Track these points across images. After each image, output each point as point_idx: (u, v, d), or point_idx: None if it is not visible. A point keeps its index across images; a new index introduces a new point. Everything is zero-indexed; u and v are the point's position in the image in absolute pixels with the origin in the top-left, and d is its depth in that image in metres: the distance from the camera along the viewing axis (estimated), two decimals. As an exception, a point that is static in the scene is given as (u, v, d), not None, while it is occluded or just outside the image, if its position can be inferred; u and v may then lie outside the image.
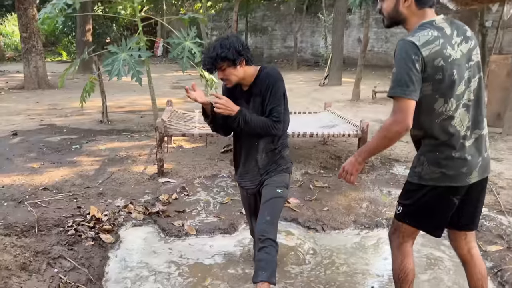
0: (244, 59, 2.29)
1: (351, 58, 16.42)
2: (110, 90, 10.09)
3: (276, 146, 2.48)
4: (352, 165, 1.99)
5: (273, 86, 2.32)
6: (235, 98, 2.47)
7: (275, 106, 2.33)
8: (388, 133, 1.81)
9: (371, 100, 9.45)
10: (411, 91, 1.73)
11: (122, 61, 5.01)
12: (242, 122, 2.31)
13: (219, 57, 2.21)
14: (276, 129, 2.35)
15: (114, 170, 4.60)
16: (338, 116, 5.27)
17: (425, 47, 1.73)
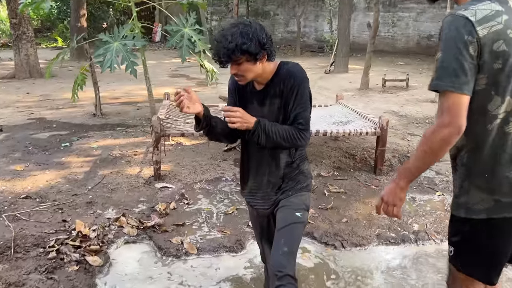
0: (267, 53, 1.82)
1: (357, 44, 15.81)
2: (105, 79, 9.60)
3: (293, 158, 2.02)
4: (393, 194, 1.53)
5: (299, 87, 1.85)
6: (245, 100, 2.01)
7: (301, 112, 1.87)
8: (433, 144, 1.35)
9: (381, 89, 8.95)
10: (462, 83, 1.29)
11: (114, 51, 4.52)
12: (262, 135, 1.84)
13: (239, 49, 1.71)
14: (303, 139, 1.89)
15: (106, 173, 4.15)
16: (352, 111, 4.79)
17: (483, 24, 1.30)
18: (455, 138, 1.31)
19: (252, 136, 1.85)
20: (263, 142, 1.86)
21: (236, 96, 2.05)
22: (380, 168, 4.22)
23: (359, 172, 4.30)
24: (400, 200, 1.53)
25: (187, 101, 1.83)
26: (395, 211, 1.55)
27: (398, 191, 1.52)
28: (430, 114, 6.81)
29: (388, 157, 4.63)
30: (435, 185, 4.02)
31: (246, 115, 1.84)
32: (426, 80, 10.19)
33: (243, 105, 2.01)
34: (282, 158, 2.01)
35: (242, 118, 1.81)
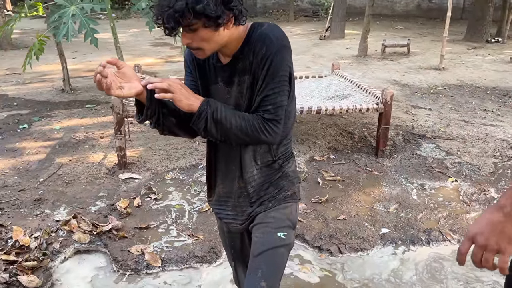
0: (234, 15, 1.22)
1: (353, 7, 14.91)
2: (81, 50, 8.88)
3: (274, 157, 1.45)
4: (499, 231, 0.87)
5: (273, 58, 1.25)
6: (207, 78, 1.41)
7: (271, 94, 1.28)
8: None
9: (380, 56, 8.27)
10: None
11: (70, 16, 3.83)
12: (210, 122, 1.27)
13: (191, 10, 1.13)
14: (269, 133, 1.30)
15: (64, 161, 3.56)
16: (350, 82, 4.16)
17: None
18: None
19: (198, 120, 1.26)
20: (212, 131, 1.29)
21: (195, 72, 1.44)
22: (382, 150, 3.65)
23: (358, 154, 3.74)
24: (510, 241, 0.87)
25: (116, 79, 1.22)
26: (502, 261, 0.87)
27: (510, 226, 0.86)
28: (435, 83, 6.20)
29: (391, 135, 4.05)
30: (447, 168, 3.47)
31: (187, 89, 1.25)
32: (428, 45, 9.49)
33: (205, 85, 1.41)
34: (259, 157, 1.43)
35: (182, 88, 1.22)
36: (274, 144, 1.42)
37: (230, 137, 1.31)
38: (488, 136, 4.13)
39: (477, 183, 3.21)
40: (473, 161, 3.59)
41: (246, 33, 1.31)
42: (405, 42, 8.38)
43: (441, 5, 14.06)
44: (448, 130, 4.32)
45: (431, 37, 10.79)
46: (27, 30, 12.26)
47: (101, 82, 1.20)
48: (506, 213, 0.85)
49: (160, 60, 8.06)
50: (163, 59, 8.23)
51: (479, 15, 9.76)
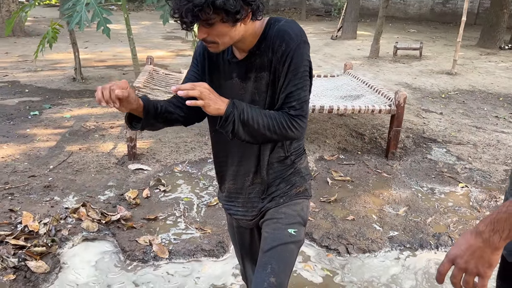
0: (252, 10, 1.19)
1: (365, 8, 14.85)
2: (93, 40, 8.91)
3: (287, 153, 1.43)
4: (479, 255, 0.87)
5: (294, 54, 1.23)
6: (220, 73, 1.38)
7: (295, 90, 1.27)
8: None
9: (391, 58, 8.22)
10: None
11: (84, 5, 3.84)
12: (238, 124, 1.24)
13: (210, 5, 1.09)
14: (297, 128, 1.29)
15: (74, 149, 3.57)
16: (363, 83, 4.14)
17: None
18: None
19: (225, 124, 1.24)
20: (240, 133, 1.26)
21: (205, 65, 1.41)
22: (393, 152, 3.62)
23: (368, 156, 3.72)
24: (490, 266, 0.87)
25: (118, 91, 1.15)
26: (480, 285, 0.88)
27: (488, 252, 0.86)
28: (447, 88, 6.15)
29: (401, 138, 4.03)
30: (457, 174, 3.44)
31: (213, 92, 1.23)
32: (440, 49, 9.42)
33: (217, 80, 1.39)
34: (272, 152, 1.42)
35: (210, 93, 1.20)
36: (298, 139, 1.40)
37: (257, 137, 1.29)
38: (500, 143, 4.09)
39: (487, 190, 3.18)
40: (484, 168, 3.56)
41: (262, 28, 1.28)
42: (418, 45, 8.32)
43: (455, 9, 13.94)
44: (459, 135, 4.28)
45: (444, 41, 10.71)
46: (40, 18, 12.33)
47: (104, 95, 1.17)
48: (484, 239, 0.85)
49: (171, 53, 8.06)
50: (174, 52, 8.23)
51: (494, 21, 9.67)
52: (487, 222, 0.86)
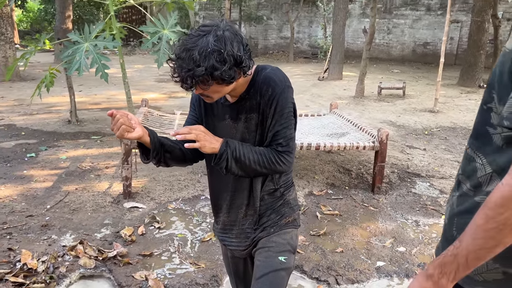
0: (244, 72, 1.35)
1: (351, 50, 15.51)
2: (87, 83, 9.16)
3: (277, 185, 1.57)
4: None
5: (279, 97, 1.40)
6: (214, 115, 1.55)
7: (281, 129, 1.43)
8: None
9: (376, 97, 8.56)
10: None
11: (84, 52, 4.05)
12: (231, 161, 1.40)
13: (209, 75, 1.25)
14: (284, 163, 1.45)
15: (70, 189, 3.67)
16: (348, 121, 4.36)
17: None
18: None
19: (219, 161, 1.40)
20: (233, 169, 1.42)
21: (202, 110, 1.58)
22: (378, 186, 3.78)
23: (355, 190, 3.87)
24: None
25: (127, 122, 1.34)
26: None
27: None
28: (429, 125, 6.42)
29: (387, 173, 4.21)
30: (440, 206, 3.59)
31: (208, 133, 1.40)
32: (423, 88, 9.83)
33: (211, 122, 1.55)
34: (263, 185, 1.56)
35: (205, 134, 1.37)
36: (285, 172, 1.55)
37: (248, 171, 1.44)
38: (480, 177, 4.27)
39: (469, 221, 3.32)
40: (466, 200, 3.71)
41: (251, 76, 1.45)
42: (401, 85, 8.70)
43: (435, 51, 14.62)
44: (442, 170, 4.47)
45: (426, 80, 11.18)
46: (34, 63, 12.63)
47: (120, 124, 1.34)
48: (434, 281, 0.94)
49: (164, 96, 8.32)
50: (166, 94, 8.49)
51: (472, 61, 10.18)
52: (436, 265, 0.95)
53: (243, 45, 1.30)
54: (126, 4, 10.10)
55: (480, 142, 0.99)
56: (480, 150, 0.99)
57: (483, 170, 0.97)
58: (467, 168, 1.02)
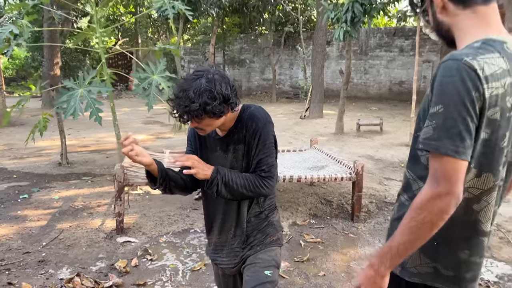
0: (232, 107, 1.63)
1: (330, 90, 16.18)
2: (77, 126, 9.38)
3: (262, 208, 1.82)
4: (372, 283, 1.21)
5: (262, 131, 1.68)
6: (208, 148, 1.83)
7: (264, 157, 1.69)
8: (431, 215, 1.07)
9: (355, 134, 8.98)
10: (466, 148, 1.05)
11: (78, 97, 4.33)
12: (221, 185, 1.66)
13: (202, 110, 1.52)
14: (267, 187, 1.70)
15: (64, 227, 3.82)
16: (326, 155, 4.67)
17: (489, 83, 1.05)
18: (453, 209, 1.08)
19: (211, 186, 1.66)
20: (223, 192, 1.68)
21: (197, 144, 1.87)
22: (357, 215, 4.04)
23: (336, 220, 4.11)
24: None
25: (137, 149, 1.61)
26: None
27: (378, 280, 1.18)
28: (405, 158, 6.77)
29: (366, 203, 4.48)
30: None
31: (202, 162, 1.67)
32: (399, 124, 10.32)
33: (205, 153, 1.83)
34: (249, 208, 1.80)
35: (199, 162, 1.64)
36: (268, 195, 1.80)
37: (236, 195, 1.68)
38: (452, 204, 4.58)
39: (441, 244, 3.58)
40: (439, 225, 3.99)
41: (238, 113, 1.75)
42: (378, 121, 9.17)
43: (410, 89, 15.35)
44: (417, 198, 4.76)
45: (402, 117, 11.72)
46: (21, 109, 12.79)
47: (131, 149, 1.61)
48: (375, 270, 1.18)
49: (152, 137, 8.57)
50: (154, 135, 8.75)
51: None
52: (376, 256, 1.21)
53: (230, 86, 1.59)
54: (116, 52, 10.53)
55: (413, 162, 1.27)
56: (412, 169, 1.27)
57: (416, 184, 1.26)
58: (405, 184, 1.30)
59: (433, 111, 1.08)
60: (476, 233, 1.21)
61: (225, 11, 14.67)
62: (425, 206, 1.08)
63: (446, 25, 1.20)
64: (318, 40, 11.49)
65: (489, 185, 1.15)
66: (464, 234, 1.21)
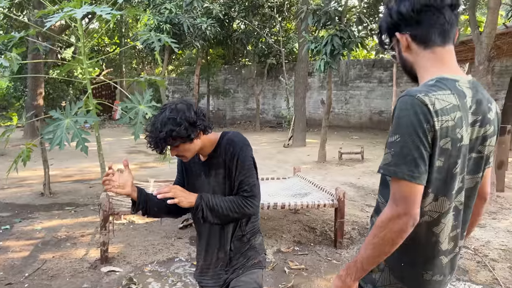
0: (201, 129, 1.76)
1: (312, 120, 16.51)
2: (59, 157, 9.31)
3: (244, 232, 1.90)
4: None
5: (239, 153, 1.78)
6: (193, 173, 1.93)
7: (244, 178, 1.78)
8: (391, 234, 1.19)
9: (337, 162, 9.16)
10: (421, 172, 1.17)
11: (65, 128, 4.38)
12: (206, 210, 1.75)
13: (169, 137, 1.67)
14: (251, 206, 1.78)
15: (47, 257, 3.79)
16: (309, 183, 4.78)
17: (439, 117, 1.18)
18: (411, 228, 1.19)
19: (196, 212, 1.75)
20: (209, 217, 1.77)
21: (183, 171, 1.99)
22: (340, 241, 4.12)
23: (319, 246, 4.18)
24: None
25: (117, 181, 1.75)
26: None
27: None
28: (386, 185, 6.93)
29: (348, 230, 4.57)
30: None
31: (185, 191, 1.76)
32: (380, 152, 10.56)
33: (191, 179, 1.93)
34: (232, 232, 1.89)
35: (182, 192, 1.73)
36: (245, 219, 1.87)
37: (222, 218, 1.76)
38: (432, 229, 4.71)
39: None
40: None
41: (217, 139, 1.86)
42: (359, 150, 9.39)
43: (389, 118, 15.80)
44: (398, 224, 4.87)
45: (382, 145, 12.01)
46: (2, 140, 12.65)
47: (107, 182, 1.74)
48: (342, 280, 1.31)
49: (135, 166, 8.57)
50: (138, 165, 8.75)
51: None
52: (344, 268, 1.33)
53: (194, 111, 1.73)
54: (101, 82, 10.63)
55: (383, 187, 1.39)
56: (382, 193, 1.39)
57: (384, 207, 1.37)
58: (376, 207, 1.42)
59: (391, 140, 1.21)
60: (437, 253, 1.31)
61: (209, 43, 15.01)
62: (386, 225, 1.19)
63: (409, 62, 1.34)
64: (300, 72, 11.83)
65: (445, 208, 1.27)
66: (427, 255, 1.31)
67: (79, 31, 4.89)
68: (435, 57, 1.28)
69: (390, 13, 1.32)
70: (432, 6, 1.24)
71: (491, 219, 5.04)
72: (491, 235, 4.48)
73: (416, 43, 1.30)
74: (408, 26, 1.29)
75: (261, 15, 15.82)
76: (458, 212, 1.31)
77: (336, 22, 8.01)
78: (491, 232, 4.58)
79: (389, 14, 1.32)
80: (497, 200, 5.85)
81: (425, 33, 1.27)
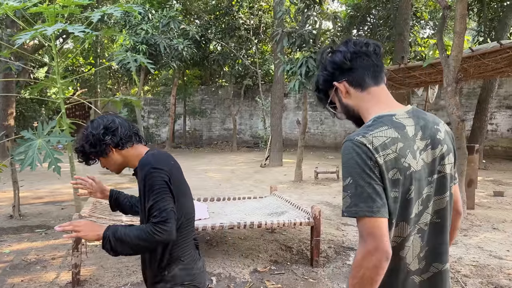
0: (111, 145, 1.75)
1: (289, 140, 16.68)
2: (30, 178, 9.06)
3: (160, 259, 1.72)
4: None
5: (146, 178, 1.65)
6: None
7: (154, 203, 1.62)
8: (366, 271, 1.22)
9: (313, 181, 9.25)
10: (379, 206, 1.22)
11: (37, 148, 4.29)
12: (114, 242, 1.59)
13: (80, 152, 1.79)
14: (161, 232, 1.58)
15: (16, 281, 3.64)
16: (286, 201, 4.81)
17: (379, 152, 1.26)
18: (386, 262, 1.21)
19: (104, 243, 1.61)
20: (119, 248, 1.60)
21: None
22: (316, 260, 4.13)
23: (296, 265, 4.18)
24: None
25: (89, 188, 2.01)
26: None
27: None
28: (361, 204, 7.03)
29: (324, 248, 4.60)
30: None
31: (93, 225, 1.66)
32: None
33: None
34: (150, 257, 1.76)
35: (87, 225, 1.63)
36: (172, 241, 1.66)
37: (134, 248, 1.60)
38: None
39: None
40: (393, 267, 4.15)
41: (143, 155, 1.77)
42: (334, 169, 9.52)
43: (364, 138, 16.14)
44: (373, 242, 4.93)
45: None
46: (-29, 160, 12.22)
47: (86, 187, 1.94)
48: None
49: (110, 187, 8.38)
50: (112, 185, 8.58)
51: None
52: None
53: (103, 127, 1.75)
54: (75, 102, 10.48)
55: None
56: None
57: None
58: None
59: (345, 183, 1.27)
60: (408, 274, 1.36)
61: (186, 64, 15.10)
62: (361, 264, 1.22)
63: (351, 106, 1.43)
64: (276, 92, 12.01)
65: (406, 232, 1.32)
66: (399, 278, 1.35)
67: (53, 50, 4.85)
68: (371, 97, 1.38)
69: (324, 66, 1.43)
70: (361, 52, 1.37)
71: (463, 236, 5.17)
72: (462, 252, 4.59)
73: (353, 87, 1.40)
74: (343, 74, 1.40)
75: (238, 37, 16.07)
76: (424, 233, 1.36)
77: (310, 45, 8.23)
78: (462, 249, 4.69)
79: (324, 67, 1.43)
80: (468, 218, 6.02)
81: (359, 76, 1.38)
